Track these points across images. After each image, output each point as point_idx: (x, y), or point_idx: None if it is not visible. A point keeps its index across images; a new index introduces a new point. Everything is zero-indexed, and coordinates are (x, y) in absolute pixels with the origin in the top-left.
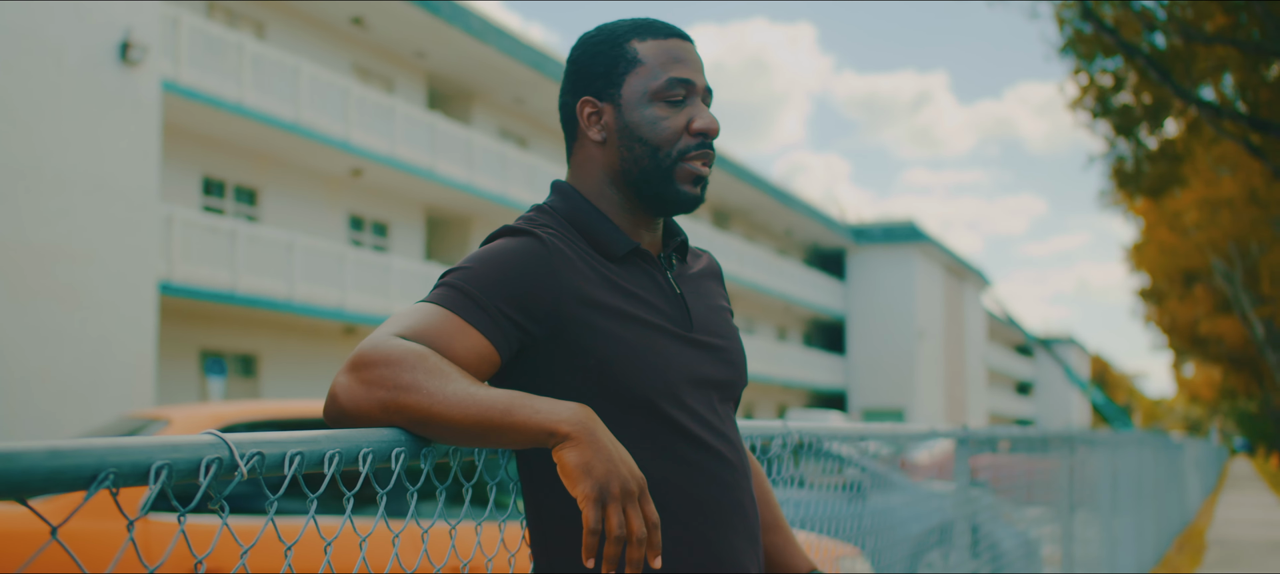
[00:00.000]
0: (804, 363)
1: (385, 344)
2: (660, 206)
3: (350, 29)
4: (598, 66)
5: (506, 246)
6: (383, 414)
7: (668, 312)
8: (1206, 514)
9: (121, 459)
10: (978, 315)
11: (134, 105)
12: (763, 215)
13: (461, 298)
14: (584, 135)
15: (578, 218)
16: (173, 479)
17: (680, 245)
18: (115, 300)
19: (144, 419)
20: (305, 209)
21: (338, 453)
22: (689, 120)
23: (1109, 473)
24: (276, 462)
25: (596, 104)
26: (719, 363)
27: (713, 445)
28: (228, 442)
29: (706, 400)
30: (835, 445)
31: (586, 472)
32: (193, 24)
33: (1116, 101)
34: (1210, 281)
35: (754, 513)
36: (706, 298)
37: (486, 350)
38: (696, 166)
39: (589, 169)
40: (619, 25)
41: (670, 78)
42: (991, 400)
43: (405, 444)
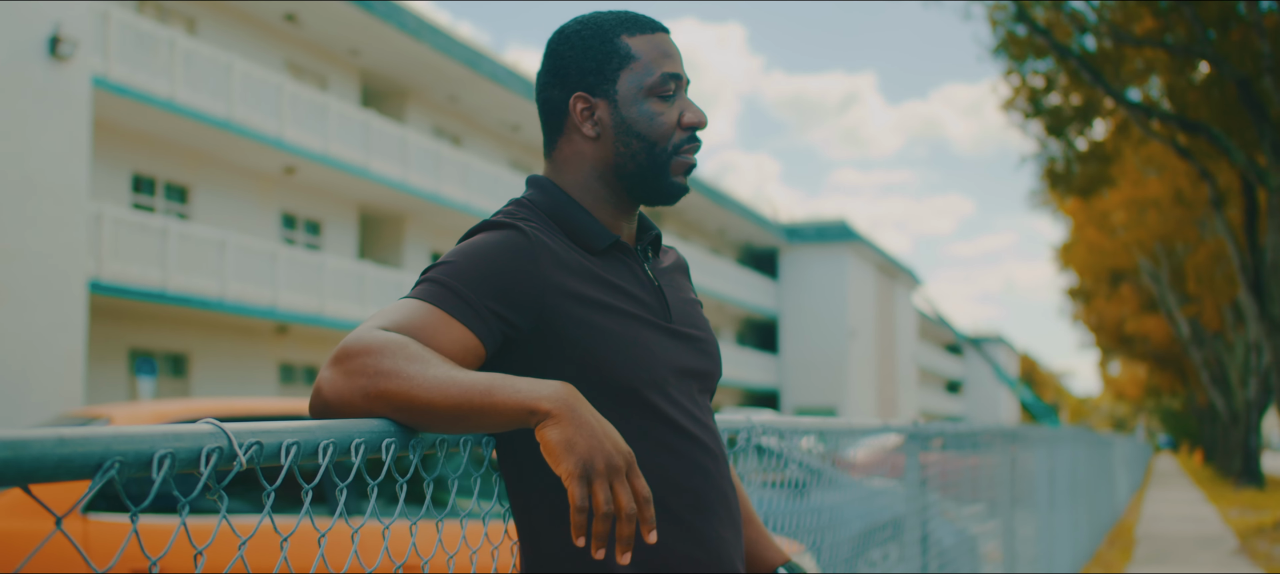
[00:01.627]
0: (737, 362)
1: (367, 336)
2: (651, 198)
3: (283, 26)
4: (589, 62)
5: (488, 240)
6: (365, 402)
7: (648, 303)
8: (1134, 511)
9: (126, 448)
10: (908, 314)
11: (63, 101)
12: (696, 214)
13: (444, 292)
14: (575, 130)
15: (558, 211)
16: (175, 468)
17: (654, 239)
18: (43, 299)
19: (84, 418)
20: (237, 207)
21: (331, 442)
22: (681, 114)
23: (1046, 469)
24: (274, 451)
25: (589, 99)
26: (698, 354)
27: (697, 435)
28: (227, 431)
29: (688, 391)
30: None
31: (569, 448)
32: (123, 19)
33: (1048, 102)
34: (1137, 281)
35: (735, 502)
36: (680, 291)
37: (471, 343)
38: (688, 158)
39: (576, 163)
40: (605, 19)
41: (664, 73)
42: (922, 399)
43: (396, 435)
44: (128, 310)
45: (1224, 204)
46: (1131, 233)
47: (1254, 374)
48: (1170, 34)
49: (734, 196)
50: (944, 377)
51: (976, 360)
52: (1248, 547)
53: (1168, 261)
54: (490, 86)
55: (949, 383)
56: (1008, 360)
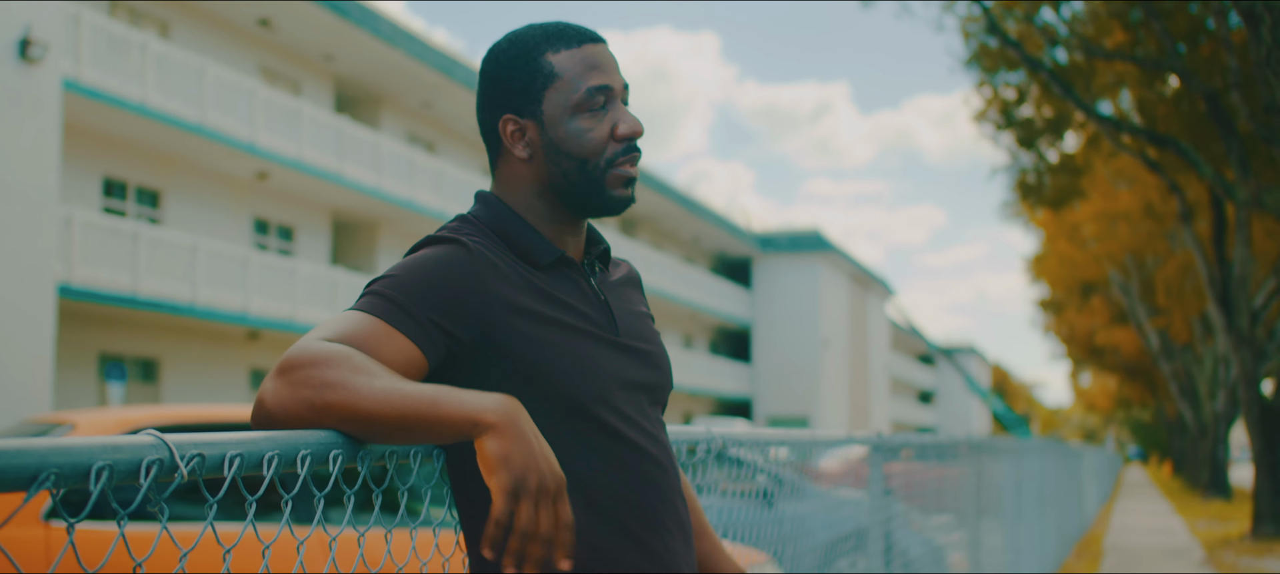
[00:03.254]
0: (710, 370)
1: (311, 347)
2: (592, 212)
3: (257, 30)
4: (514, 83)
5: (432, 254)
6: (310, 414)
7: (593, 317)
8: (1103, 521)
9: (62, 460)
10: (881, 324)
11: (33, 104)
12: (670, 223)
13: (388, 305)
14: (508, 152)
15: (502, 227)
16: (113, 480)
17: (602, 253)
18: (11, 302)
19: (47, 423)
20: (209, 212)
21: (277, 454)
22: (613, 126)
23: (1013, 480)
24: (216, 463)
25: (518, 121)
26: (645, 366)
27: (644, 447)
28: (168, 443)
29: (636, 403)
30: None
31: (504, 462)
32: (95, 22)
33: (1019, 114)
34: (1108, 293)
35: (686, 514)
36: (628, 304)
37: (414, 356)
38: (626, 170)
39: (515, 183)
40: (530, 36)
41: (589, 88)
42: (895, 409)
43: (343, 446)
44: (98, 315)
45: (1193, 217)
46: (1102, 245)
47: (1222, 386)
48: (1140, 48)
49: (707, 205)
50: (916, 387)
51: (949, 371)
52: (1214, 558)
53: (1138, 274)
54: (464, 93)
55: (921, 393)
56: (980, 371)
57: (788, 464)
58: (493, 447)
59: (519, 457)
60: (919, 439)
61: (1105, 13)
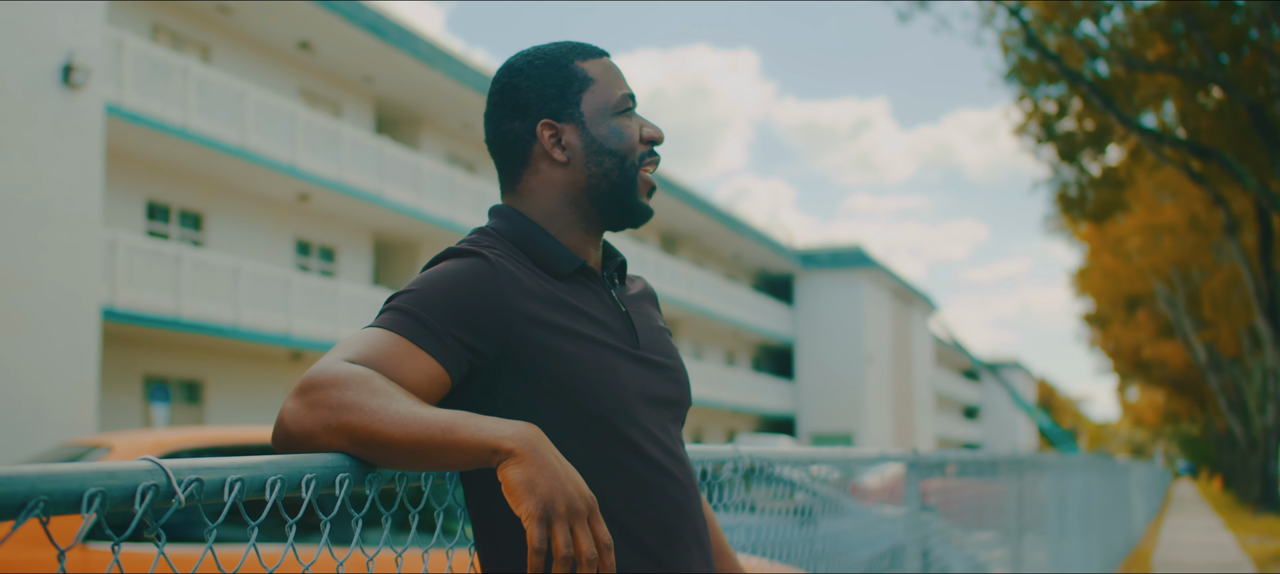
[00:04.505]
0: (753, 388)
1: (331, 367)
2: (620, 219)
3: (297, 53)
4: (548, 89)
5: (452, 268)
6: (326, 435)
7: (616, 329)
8: (1151, 537)
9: (53, 486)
10: (925, 340)
11: (76, 129)
12: (711, 240)
13: (409, 321)
14: (544, 157)
15: (522, 238)
16: (106, 507)
17: (620, 266)
18: (57, 326)
19: (84, 446)
20: (251, 234)
21: (280, 479)
22: (640, 129)
23: (1056, 496)
24: (215, 488)
25: (556, 125)
26: (667, 381)
27: (666, 465)
28: (165, 468)
29: (659, 419)
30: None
31: (530, 489)
32: (137, 47)
33: (1060, 128)
34: (1153, 306)
35: (706, 535)
36: (647, 318)
37: (437, 373)
38: (649, 176)
39: (545, 192)
40: (554, 48)
41: (624, 93)
42: (939, 425)
43: (350, 469)
44: (142, 337)
45: (1239, 230)
46: (1147, 258)
47: (1271, 400)
48: (1182, 60)
49: (748, 222)
50: (961, 402)
51: (994, 386)
52: None
53: (1183, 287)
54: None
55: (966, 409)
56: (1025, 386)
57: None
58: (516, 474)
59: (544, 482)
60: (957, 455)
61: (1146, 25)
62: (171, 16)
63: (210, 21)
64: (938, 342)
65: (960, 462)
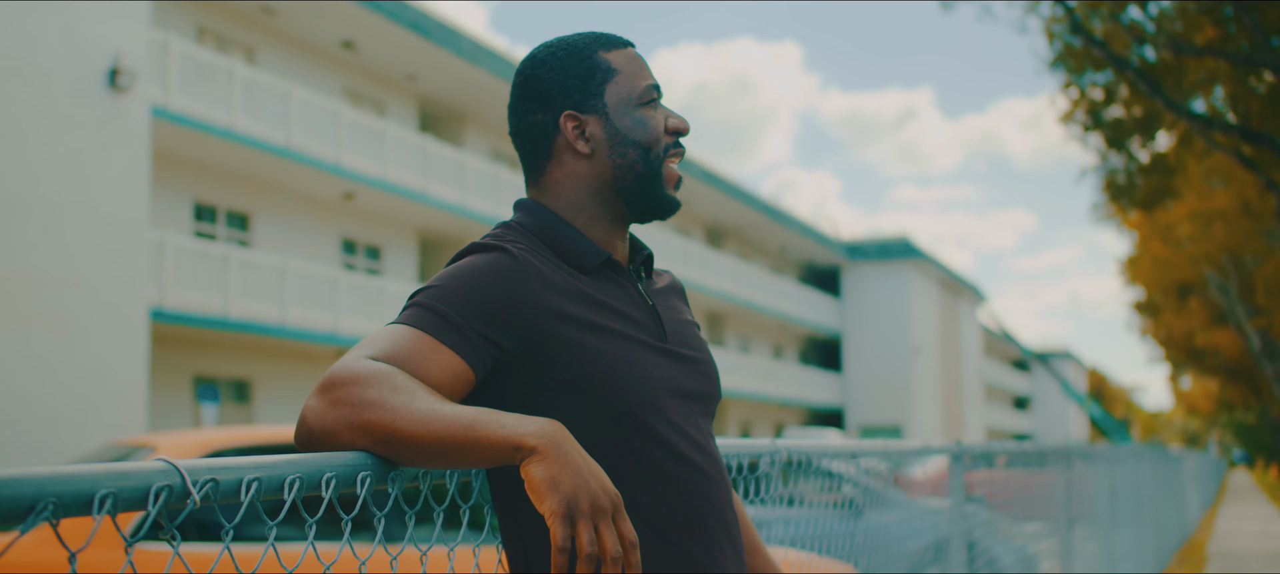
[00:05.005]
0: (800, 381)
1: (353, 365)
2: (646, 211)
3: (341, 53)
4: (572, 81)
5: (476, 263)
6: (348, 433)
7: (643, 323)
8: (1207, 526)
9: (63, 488)
10: (973, 330)
11: (123, 131)
12: (756, 233)
13: (433, 317)
14: (567, 149)
15: (547, 232)
16: (118, 508)
17: (646, 260)
18: (106, 327)
19: (129, 446)
20: (297, 233)
21: (299, 478)
22: (665, 120)
23: (1107, 487)
24: (232, 488)
25: (579, 117)
26: (696, 375)
27: (696, 461)
28: (180, 468)
29: (688, 414)
30: (831, 463)
31: (553, 486)
32: (183, 49)
33: (1108, 115)
34: (1205, 294)
35: (738, 530)
36: (675, 311)
37: (461, 369)
38: (675, 167)
39: (569, 184)
40: (578, 39)
41: (649, 84)
42: (989, 415)
43: (371, 467)
44: (190, 337)
45: None
46: (1198, 245)
47: None
48: (1232, 43)
49: (794, 215)
50: (1011, 393)
51: (1044, 376)
52: None
53: (1236, 274)
54: None
55: (1016, 399)
56: (1076, 376)
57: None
58: (538, 472)
59: (567, 479)
60: (1001, 446)
61: (1194, 9)
62: (216, 18)
63: (255, 22)
64: (986, 332)
65: (1007, 453)
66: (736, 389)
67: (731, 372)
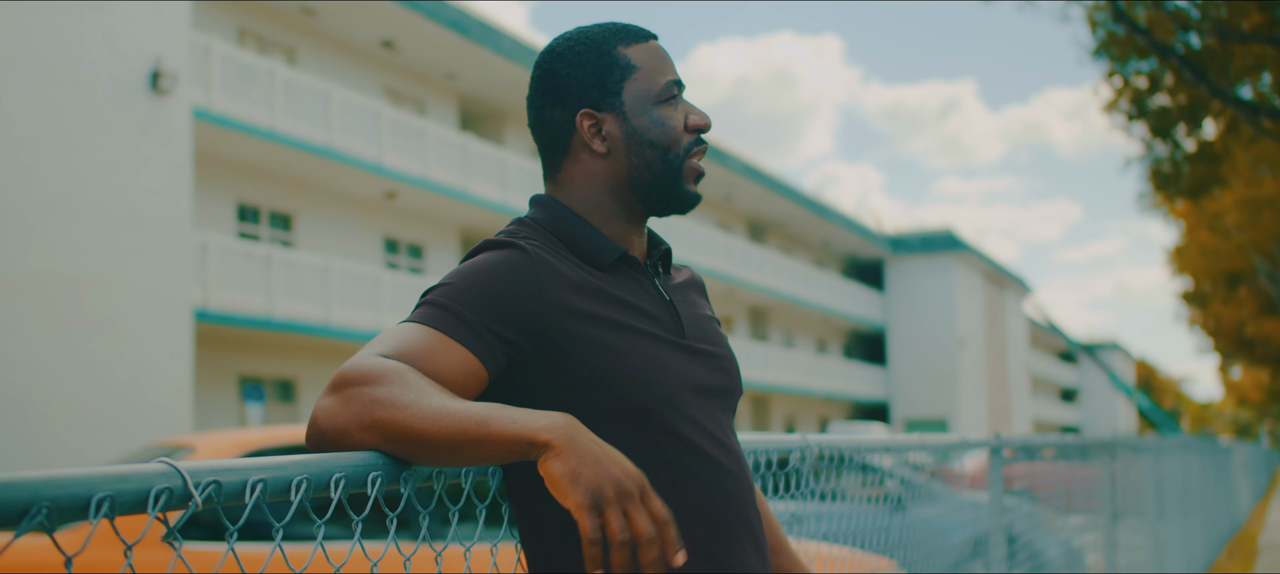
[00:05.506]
0: (845, 375)
1: (364, 362)
2: (666, 207)
3: (381, 52)
4: (589, 77)
5: (489, 260)
6: (359, 432)
7: (661, 318)
8: (1258, 518)
9: (58, 492)
10: (1019, 323)
11: (165, 134)
12: (799, 227)
13: (444, 314)
14: (583, 148)
15: (562, 228)
16: (116, 512)
17: (664, 255)
18: (150, 329)
19: (169, 447)
20: (340, 233)
21: (306, 479)
22: (685, 118)
23: (1153, 479)
24: (235, 490)
25: (596, 115)
26: (715, 370)
27: (716, 457)
28: (180, 470)
29: (708, 410)
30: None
31: (575, 479)
32: (224, 52)
33: (1152, 103)
34: (1254, 283)
35: (760, 527)
36: (694, 307)
37: (473, 366)
38: (697, 164)
39: (585, 182)
40: (596, 33)
41: (667, 81)
42: (1036, 408)
43: (382, 467)
44: (235, 338)
45: None
46: (1246, 234)
47: None
48: (1278, 29)
49: (836, 209)
50: (1058, 385)
51: (1091, 368)
52: None
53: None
54: None
55: (1064, 391)
56: (1124, 367)
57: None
58: (557, 468)
59: (587, 471)
60: (1042, 439)
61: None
62: (257, 20)
63: (295, 23)
64: (1032, 324)
65: (1045, 445)
66: (780, 384)
67: (775, 366)
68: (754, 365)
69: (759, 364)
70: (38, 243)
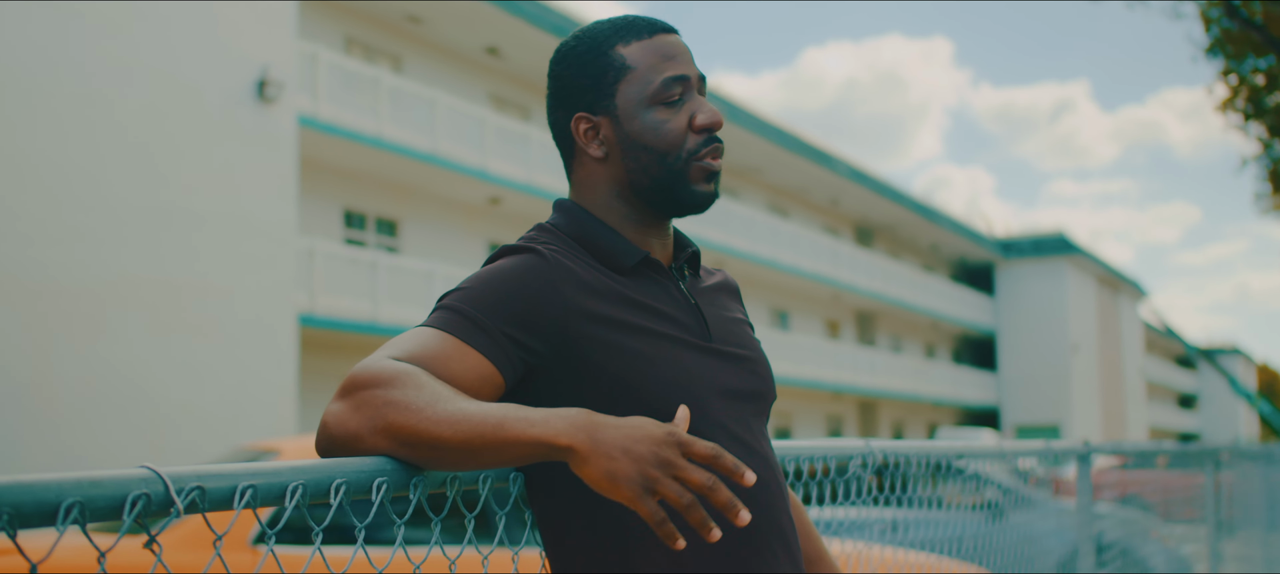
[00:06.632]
0: (954, 380)
1: (375, 365)
2: (675, 209)
3: (485, 59)
4: (585, 79)
5: (505, 265)
6: (372, 437)
7: (685, 322)
8: None
9: (21, 497)
10: (1134, 327)
11: (271, 142)
12: (907, 231)
13: (458, 319)
14: (583, 152)
15: (582, 232)
16: (87, 519)
17: (692, 257)
18: (256, 333)
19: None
20: (444, 238)
21: (302, 485)
22: (691, 117)
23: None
24: (222, 497)
25: (591, 119)
26: (744, 374)
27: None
28: (163, 475)
29: (737, 414)
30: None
31: (614, 479)
32: (331, 60)
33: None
34: None
35: (794, 535)
36: (723, 309)
37: (488, 371)
38: (708, 163)
39: (593, 185)
40: (599, 30)
41: (665, 79)
42: (1152, 414)
43: (389, 473)
44: (340, 342)
45: None
46: None
47: None
48: None
49: (945, 212)
50: (1176, 391)
51: (1211, 374)
52: None
53: None
54: None
55: (1181, 397)
56: (1245, 373)
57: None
58: (593, 473)
59: (621, 465)
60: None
61: None
62: (364, 28)
63: (401, 31)
64: (1148, 329)
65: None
66: (888, 389)
67: (883, 372)
68: (861, 371)
69: (866, 369)
70: (149, 249)
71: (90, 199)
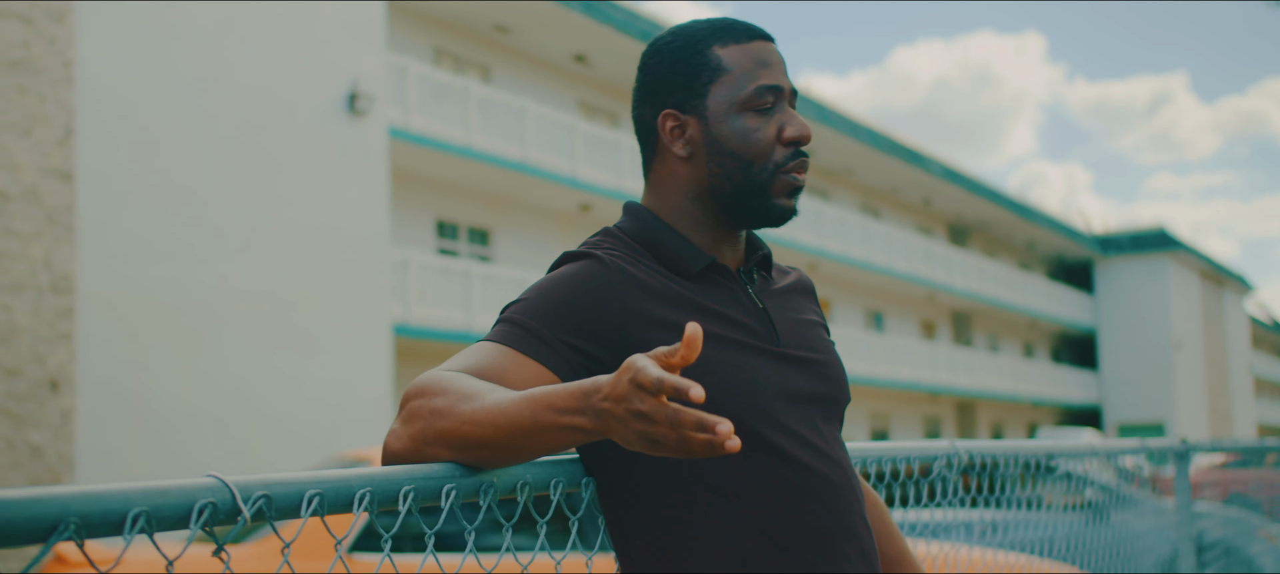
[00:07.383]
0: (1053, 379)
1: (424, 377)
2: (753, 220)
3: (574, 67)
4: (677, 76)
5: (566, 273)
6: (429, 448)
7: (752, 327)
8: None
9: (87, 507)
10: (1240, 323)
11: (363, 154)
12: (1002, 230)
13: (517, 331)
14: (666, 150)
15: (647, 237)
16: (154, 528)
17: (763, 259)
18: (351, 344)
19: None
20: (536, 246)
21: (369, 491)
22: (780, 129)
23: None
24: (289, 504)
25: (679, 117)
26: (814, 377)
27: (815, 467)
28: (230, 484)
29: (805, 418)
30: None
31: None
32: (421, 72)
33: None
34: None
35: (869, 539)
36: (793, 312)
37: (548, 381)
38: (794, 177)
39: (671, 185)
40: (696, 28)
41: (759, 86)
42: (1261, 411)
43: (457, 479)
44: (434, 352)
45: None
46: None
47: None
48: None
49: (1041, 210)
50: None
51: None
52: None
53: None
54: None
55: None
56: None
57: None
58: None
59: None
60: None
61: None
62: (452, 39)
63: (490, 42)
64: (1255, 324)
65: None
66: (986, 389)
67: (980, 372)
68: (958, 371)
69: (963, 370)
70: (245, 263)
71: (190, 214)
